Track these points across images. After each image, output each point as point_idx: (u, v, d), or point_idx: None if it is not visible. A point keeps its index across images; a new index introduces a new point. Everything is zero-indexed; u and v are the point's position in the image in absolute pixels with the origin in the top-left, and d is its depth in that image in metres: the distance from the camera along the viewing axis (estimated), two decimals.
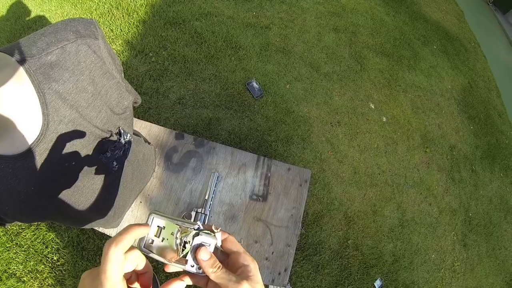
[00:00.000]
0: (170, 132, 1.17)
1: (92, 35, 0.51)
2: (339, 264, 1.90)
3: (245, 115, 2.07)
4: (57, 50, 0.45)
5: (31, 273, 1.52)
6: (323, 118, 2.25)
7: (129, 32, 2.25)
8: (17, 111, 0.42)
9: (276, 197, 1.12)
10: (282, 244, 1.07)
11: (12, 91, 0.41)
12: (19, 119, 0.42)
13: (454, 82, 3.04)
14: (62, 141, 0.48)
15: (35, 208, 0.52)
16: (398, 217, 2.14)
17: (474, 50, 3.58)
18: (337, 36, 2.70)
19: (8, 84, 0.40)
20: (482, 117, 3.01)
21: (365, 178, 2.15)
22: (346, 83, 2.47)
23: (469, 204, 2.47)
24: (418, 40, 3.12)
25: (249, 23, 2.45)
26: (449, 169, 2.51)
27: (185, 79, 2.11)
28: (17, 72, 0.41)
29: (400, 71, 2.77)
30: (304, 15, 2.70)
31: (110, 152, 0.60)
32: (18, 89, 0.41)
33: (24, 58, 0.43)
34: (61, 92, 0.46)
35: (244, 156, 1.16)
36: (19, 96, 0.42)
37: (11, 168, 0.44)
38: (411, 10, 3.37)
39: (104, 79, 0.53)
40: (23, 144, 0.43)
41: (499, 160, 2.86)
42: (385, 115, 2.46)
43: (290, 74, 2.34)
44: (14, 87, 0.41)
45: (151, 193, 1.08)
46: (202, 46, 2.26)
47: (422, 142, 2.49)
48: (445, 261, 2.19)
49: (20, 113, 0.42)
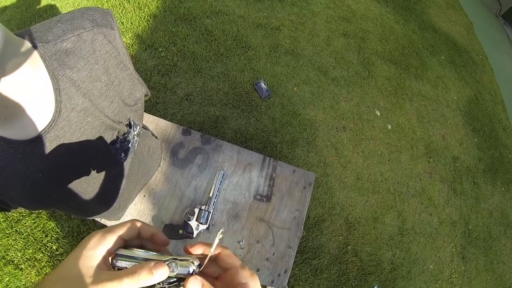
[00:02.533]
0: (177, 128, 1.17)
1: (109, 25, 0.51)
2: (338, 269, 1.89)
3: (252, 115, 2.07)
4: (73, 38, 0.45)
5: (29, 261, 1.52)
6: (329, 122, 2.25)
7: (139, 26, 2.25)
8: (30, 96, 0.41)
9: (280, 198, 1.12)
10: (284, 245, 1.07)
11: (26, 76, 0.40)
12: (32, 104, 0.42)
13: (460, 94, 3.04)
14: (73, 129, 0.48)
15: (41, 195, 0.52)
16: (398, 226, 2.14)
17: (481, 62, 3.58)
18: (346, 41, 2.70)
19: (22, 68, 0.39)
20: (487, 130, 3.01)
21: (368, 185, 2.15)
22: (353, 88, 2.47)
23: (470, 216, 2.47)
24: (426, 49, 3.12)
25: (260, 24, 2.45)
26: (451, 181, 2.50)
27: (193, 76, 2.11)
28: (31, 57, 0.41)
29: (407, 79, 2.77)
30: (314, 18, 2.70)
31: (119, 143, 0.60)
32: (32, 74, 0.41)
33: (39, 44, 0.42)
34: (75, 79, 0.46)
35: (250, 155, 1.16)
36: (33, 81, 0.41)
37: (20, 153, 0.43)
38: (421, 19, 3.38)
39: (118, 69, 0.53)
40: (34, 129, 0.43)
41: (501, 174, 2.85)
42: (390, 123, 2.46)
43: (298, 76, 2.34)
44: (28, 72, 0.40)
45: (156, 188, 1.08)
46: (212, 44, 2.26)
47: (425, 152, 2.49)
48: (443, 273, 2.18)
49: (33, 98, 0.42)
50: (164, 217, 1.04)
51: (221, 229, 0.35)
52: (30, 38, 0.42)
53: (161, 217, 1.04)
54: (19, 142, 0.42)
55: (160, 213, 1.05)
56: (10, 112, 0.40)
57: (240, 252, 1.04)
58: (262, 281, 1.02)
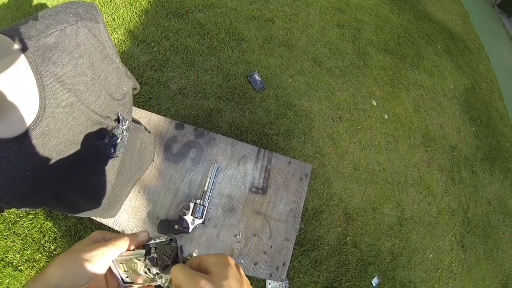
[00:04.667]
0: (170, 122, 1.15)
1: (93, 18, 0.50)
2: (337, 260, 1.88)
3: (246, 108, 2.05)
4: (56, 32, 0.44)
5: (28, 262, 1.50)
6: (325, 113, 2.23)
7: (131, 22, 2.22)
8: (13, 93, 0.41)
9: (276, 191, 1.11)
10: (281, 238, 1.06)
11: (9, 73, 0.40)
12: (16, 102, 0.41)
13: (457, 83, 3.03)
14: (59, 125, 0.47)
15: (30, 194, 0.51)
16: (397, 215, 2.13)
17: (477, 51, 3.57)
18: (340, 31, 2.67)
19: (4, 65, 0.39)
20: (484, 118, 3.00)
21: (366, 175, 2.14)
22: (348, 79, 2.45)
23: (468, 205, 2.47)
24: (422, 39, 3.10)
25: (253, 16, 2.43)
26: (449, 169, 2.50)
27: (186, 70, 2.09)
28: (14, 54, 0.40)
29: (403, 69, 2.75)
30: (308, 9, 2.67)
31: (108, 138, 0.59)
32: (15, 71, 0.40)
33: (22, 40, 0.42)
34: (60, 75, 0.45)
35: (244, 148, 1.14)
36: (16, 78, 0.41)
37: (6, 152, 0.43)
38: (416, 8, 3.35)
39: (104, 63, 0.52)
40: (19, 127, 0.42)
41: (499, 162, 2.85)
42: (387, 113, 2.44)
43: (293, 68, 2.31)
44: (10, 69, 0.40)
45: (150, 183, 1.06)
46: (205, 37, 2.23)
47: (423, 141, 2.48)
48: (442, 261, 2.18)
49: (17, 95, 0.41)
50: (159, 213, 1.03)
51: (196, 250, 0.39)
52: (13, 35, 0.41)
53: (156, 213, 1.03)
54: (4, 140, 0.42)
55: (155, 208, 1.03)
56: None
57: (237, 246, 1.03)
58: (260, 274, 1.01)
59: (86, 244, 0.36)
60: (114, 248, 0.36)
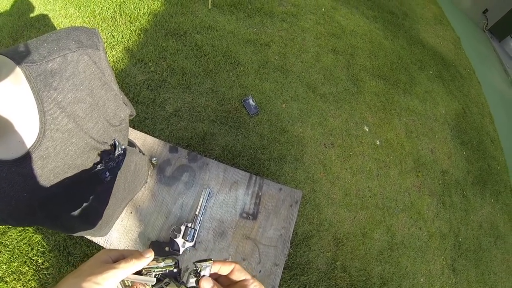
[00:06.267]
0: (165, 145, 1.17)
1: (94, 45, 0.51)
2: (327, 285, 1.88)
3: (240, 132, 2.08)
4: (58, 58, 0.45)
5: (14, 274, 1.49)
6: (317, 139, 2.27)
7: (130, 40, 2.26)
8: (14, 117, 0.41)
9: (266, 216, 1.13)
10: (270, 263, 1.07)
11: (11, 96, 0.40)
12: (16, 125, 0.42)
13: (448, 108, 3.09)
14: (58, 149, 0.48)
15: (26, 213, 0.52)
16: (387, 240, 2.14)
17: (469, 76, 3.65)
18: (335, 57, 2.74)
19: (6, 89, 0.39)
20: (475, 142, 3.05)
21: (356, 201, 2.16)
22: (342, 104, 2.49)
23: (459, 229, 2.48)
24: (415, 64, 3.18)
25: (249, 40, 2.49)
26: (440, 194, 2.52)
27: (182, 92, 2.12)
28: (17, 77, 0.41)
29: (396, 94, 2.81)
30: (304, 34, 2.74)
31: (104, 163, 0.61)
32: (17, 95, 0.41)
33: (25, 64, 0.43)
34: (60, 101, 0.46)
35: (236, 173, 1.17)
36: (17, 102, 0.41)
37: (5, 173, 0.44)
38: (409, 35, 3.45)
39: (103, 90, 0.54)
40: (18, 150, 0.43)
41: (490, 185, 2.89)
42: (378, 139, 2.48)
43: (287, 93, 2.36)
44: (13, 92, 0.40)
45: (142, 205, 1.08)
46: (202, 59, 2.28)
47: (414, 166, 2.51)
48: (433, 286, 2.18)
49: (17, 119, 0.42)
50: (151, 234, 1.04)
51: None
52: (16, 58, 0.42)
53: (148, 234, 1.04)
54: (3, 162, 0.43)
55: (147, 229, 1.05)
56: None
57: None
58: None
59: (94, 266, 0.37)
60: (124, 271, 0.38)
